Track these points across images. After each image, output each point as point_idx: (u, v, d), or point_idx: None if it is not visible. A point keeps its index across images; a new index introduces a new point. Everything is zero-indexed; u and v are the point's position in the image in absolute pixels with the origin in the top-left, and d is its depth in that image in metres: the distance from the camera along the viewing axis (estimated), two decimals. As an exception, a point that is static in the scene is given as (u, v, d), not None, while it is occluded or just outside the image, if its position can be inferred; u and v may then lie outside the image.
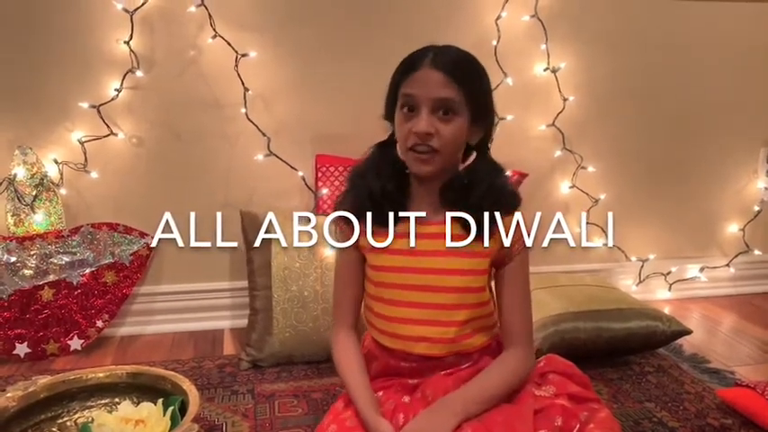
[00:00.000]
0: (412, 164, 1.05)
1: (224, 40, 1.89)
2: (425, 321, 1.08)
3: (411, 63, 1.03)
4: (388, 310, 1.10)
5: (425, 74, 1.01)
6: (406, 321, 1.09)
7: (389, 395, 1.10)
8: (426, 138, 1.01)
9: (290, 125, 2.00)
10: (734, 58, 2.30)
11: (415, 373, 1.12)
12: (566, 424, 1.03)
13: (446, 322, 1.07)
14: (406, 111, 1.03)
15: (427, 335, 1.08)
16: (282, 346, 1.75)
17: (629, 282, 2.37)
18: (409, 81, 1.02)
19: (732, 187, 2.42)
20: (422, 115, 1.01)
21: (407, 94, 1.02)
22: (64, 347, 1.85)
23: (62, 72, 1.86)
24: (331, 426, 1.05)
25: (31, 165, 1.85)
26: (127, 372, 1.32)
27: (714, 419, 1.47)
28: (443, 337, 1.08)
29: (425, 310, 1.08)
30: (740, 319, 2.20)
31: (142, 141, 1.95)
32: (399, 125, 1.05)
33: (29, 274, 1.83)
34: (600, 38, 2.17)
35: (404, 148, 1.05)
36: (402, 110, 1.04)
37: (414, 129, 1.01)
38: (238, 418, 1.47)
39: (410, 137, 1.03)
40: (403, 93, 1.03)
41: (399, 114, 1.05)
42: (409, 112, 1.03)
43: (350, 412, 1.07)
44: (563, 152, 2.20)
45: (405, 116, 1.03)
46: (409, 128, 1.02)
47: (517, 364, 1.08)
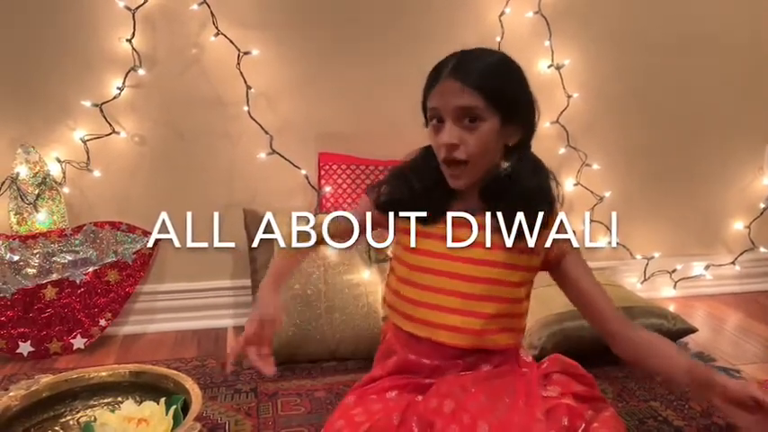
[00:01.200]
0: (448, 178, 1.06)
1: (226, 38, 1.88)
2: (453, 310, 1.07)
3: (434, 75, 1.04)
4: (419, 295, 1.09)
5: (445, 85, 1.01)
6: (434, 308, 1.08)
7: (402, 393, 1.09)
8: (452, 149, 1.01)
9: (292, 123, 2.00)
10: (739, 54, 2.28)
11: (433, 372, 1.11)
12: (571, 423, 1.02)
13: (473, 313, 1.07)
14: (435, 123, 1.04)
15: (454, 323, 1.07)
16: (285, 344, 1.74)
17: (634, 279, 2.35)
18: (433, 94, 1.03)
19: (737, 184, 2.41)
20: (446, 127, 1.01)
21: (432, 107, 1.03)
22: (67, 346, 1.85)
23: (64, 70, 1.86)
24: (339, 421, 1.04)
25: (33, 163, 1.85)
26: (129, 371, 1.32)
27: (720, 418, 1.46)
28: (469, 328, 1.07)
29: (455, 298, 1.07)
30: (746, 317, 2.19)
31: (145, 140, 1.95)
32: (431, 139, 1.05)
33: (32, 273, 1.83)
34: (604, 34, 2.16)
35: (439, 162, 1.06)
36: (432, 122, 1.04)
37: (441, 140, 1.02)
38: (241, 417, 1.47)
39: (440, 149, 1.03)
40: (429, 107, 1.04)
41: (431, 128, 1.05)
42: (435, 125, 1.03)
43: (359, 409, 1.06)
44: (567, 149, 2.19)
45: (434, 128, 1.04)
46: (437, 141, 1.03)
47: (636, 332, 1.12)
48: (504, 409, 1.00)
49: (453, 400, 1.02)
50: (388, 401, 1.06)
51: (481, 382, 1.06)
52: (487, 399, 1.01)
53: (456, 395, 1.02)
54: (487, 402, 1.01)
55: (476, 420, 0.97)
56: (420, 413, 1.02)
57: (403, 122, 2.04)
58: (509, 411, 1.00)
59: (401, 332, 1.14)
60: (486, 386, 1.05)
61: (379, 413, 1.03)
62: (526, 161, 1.09)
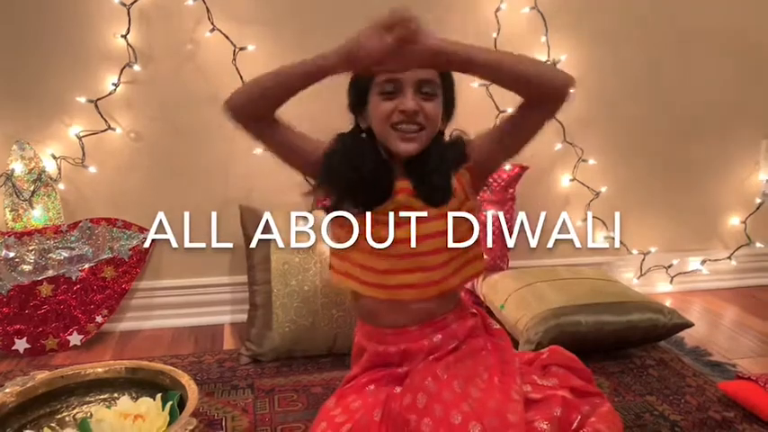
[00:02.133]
0: (396, 143, 1.06)
1: (222, 33, 1.88)
2: (407, 270, 1.09)
3: None
4: (369, 261, 1.10)
5: None
6: (394, 272, 1.09)
7: (380, 386, 1.10)
8: (414, 115, 1.04)
9: (289, 119, 1.98)
10: (736, 50, 2.28)
11: (402, 358, 1.11)
12: (566, 416, 1.02)
13: (428, 267, 1.09)
14: (386, 95, 1.05)
15: (413, 282, 1.09)
16: (282, 340, 1.74)
17: (631, 275, 2.36)
18: None
19: (734, 180, 2.41)
20: (407, 94, 1.04)
21: (388, 78, 1.04)
22: (63, 343, 1.84)
23: (59, 66, 1.85)
24: (321, 424, 1.05)
25: (28, 160, 1.84)
26: (126, 367, 1.32)
27: (716, 412, 1.47)
28: (429, 281, 1.09)
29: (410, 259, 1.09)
30: (742, 312, 2.19)
31: (140, 136, 1.94)
32: (378, 107, 1.06)
33: (27, 270, 1.83)
34: (600, 30, 2.16)
35: (384, 127, 1.06)
36: (381, 95, 1.06)
37: (400, 107, 1.04)
38: (238, 413, 1.47)
39: (394, 114, 1.05)
40: (382, 78, 1.05)
41: (377, 98, 1.06)
42: (388, 96, 1.05)
43: (339, 409, 1.06)
44: (563, 145, 2.18)
45: (386, 96, 1.05)
46: (393, 106, 1.05)
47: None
48: (478, 393, 1.01)
49: (425, 393, 1.02)
50: (367, 398, 1.07)
51: (452, 365, 1.07)
52: (460, 385, 1.02)
53: (428, 388, 1.03)
54: (460, 390, 1.01)
55: (449, 411, 0.98)
56: (396, 411, 1.02)
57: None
58: (483, 395, 1.00)
59: (366, 326, 1.16)
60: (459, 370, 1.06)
61: (360, 410, 1.04)
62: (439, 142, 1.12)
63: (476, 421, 0.95)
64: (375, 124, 1.09)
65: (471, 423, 0.95)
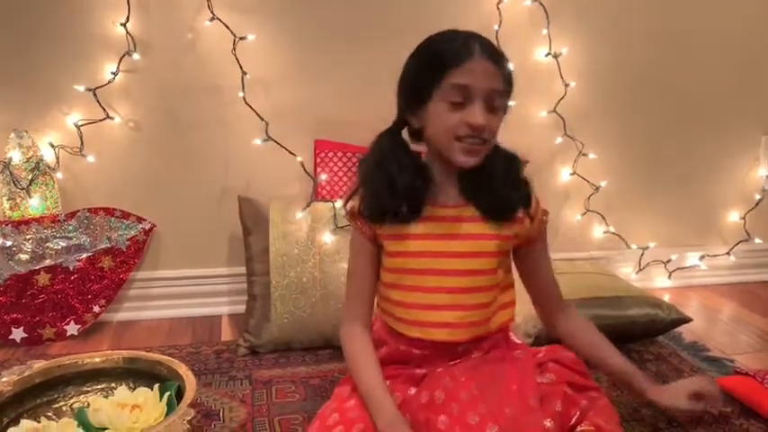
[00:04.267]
0: (458, 154, 1.03)
1: (222, 22, 1.86)
2: (445, 306, 1.07)
3: (458, 52, 0.99)
4: (408, 297, 1.09)
5: (479, 64, 0.99)
6: (426, 307, 1.08)
7: (396, 386, 1.09)
8: (481, 130, 1.00)
9: (288, 110, 1.98)
10: (737, 45, 2.27)
11: (424, 361, 1.10)
12: (566, 411, 1.02)
13: (466, 306, 1.07)
14: (453, 102, 1.00)
15: (448, 320, 1.07)
16: (280, 332, 1.74)
17: (629, 269, 2.36)
18: (460, 71, 0.99)
19: (733, 175, 2.41)
20: (476, 107, 0.99)
21: (460, 84, 0.99)
22: (60, 332, 1.84)
23: (58, 54, 1.84)
24: (333, 414, 1.04)
25: (26, 148, 1.83)
26: (123, 357, 1.31)
27: (712, 408, 1.47)
28: (463, 322, 1.08)
29: (444, 294, 1.07)
30: (740, 308, 2.20)
31: (139, 125, 1.93)
32: (443, 115, 1.01)
33: (25, 259, 1.82)
34: (603, 23, 2.14)
35: (448, 138, 1.02)
36: (447, 101, 1.00)
37: (470, 120, 0.99)
38: (236, 404, 1.47)
39: (461, 127, 1.00)
40: (453, 83, 0.99)
41: (442, 104, 1.01)
42: (456, 103, 1.00)
43: (354, 401, 1.05)
44: (564, 139, 2.18)
45: (452, 106, 1.00)
46: (460, 118, 1.00)
47: (579, 317, 1.27)
48: (495, 397, 1.00)
49: (443, 391, 1.02)
50: None
51: (471, 370, 1.06)
52: (477, 387, 1.01)
53: (446, 386, 1.02)
54: (477, 391, 1.00)
55: (465, 411, 0.97)
56: (412, 410, 1.02)
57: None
58: (500, 400, 0.99)
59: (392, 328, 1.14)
60: (477, 374, 1.05)
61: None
62: (500, 149, 1.10)
63: (493, 423, 0.94)
64: (434, 131, 1.04)
65: (489, 424, 0.94)
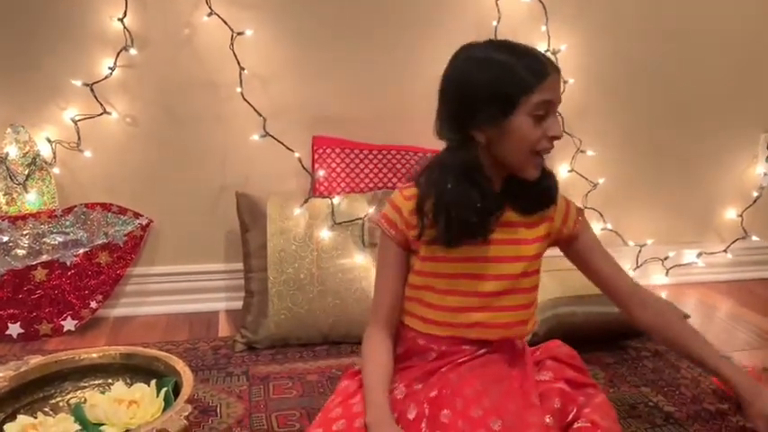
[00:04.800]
0: (531, 168, 1.06)
1: (219, 17, 1.86)
2: (475, 308, 1.08)
3: (540, 68, 1.02)
4: (440, 300, 1.09)
5: (556, 79, 1.03)
6: (457, 309, 1.09)
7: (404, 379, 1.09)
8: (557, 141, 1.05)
9: (286, 106, 1.98)
10: (736, 42, 2.27)
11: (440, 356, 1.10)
12: (564, 407, 1.03)
13: (498, 307, 1.08)
14: (538, 116, 1.02)
15: (481, 320, 1.08)
16: (278, 328, 1.74)
17: (627, 266, 2.36)
18: (544, 86, 1.01)
19: (731, 173, 2.41)
20: (557, 119, 1.04)
21: (545, 100, 1.01)
22: (57, 328, 1.84)
23: (55, 49, 1.83)
24: (336, 409, 1.04)
25: (23, 143, 1.82)
26: (120, 352, 1.31)
27: (710, 404, 1.47)
28: (495, 322, 1.09)
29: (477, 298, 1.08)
30: (737, 305, 2.20)
31: (136, 121, 1.92)
32: (528, 129, 1.02)
33: (21, 254, 1.81)
34: (601, 20, 2.14)
35: (528, 153, 1.04)
36: (532, 115, 1.02)
37: (552, 132, 1.03)
38: (233, 400, 1.46)
39: (542, 140, 1.03)
40: (539, 100, 1.01)
41: (527, 119, 1.02)
42: (539, 116, 1.02)
43: (359, 396, 1.06)
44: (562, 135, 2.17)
45: (536, 120, 1.02)
46: (543, 132, 1.03)
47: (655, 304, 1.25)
48: (499, 393, 1.01)
49: (449, 387, 1.02)
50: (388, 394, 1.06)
51: (477, 368, 1.06)
52: (482, 384, 1.02)
53: (451, 382, 1.03)
54: (482, 388, 1.01)
55: (469, 405, 0.98)
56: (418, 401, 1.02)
57: (398, 107, 2.03)
58: (503, 396, 1.01)
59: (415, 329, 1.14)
60: (482, 372, 1.06)
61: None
62: None
63: (496, 417, 0.95)
64: (515, 146, 1.04)
65: (492, 418, 0.95)
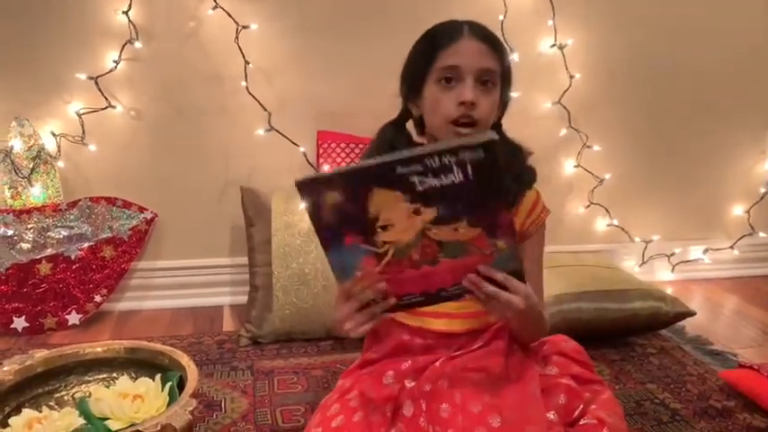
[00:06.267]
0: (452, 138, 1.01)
1: (224, 11, 1.85)
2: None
3: (447, 33, 1.00)
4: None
5: (468, 44, 0.99)
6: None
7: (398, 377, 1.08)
8: (471, 107, 0.98)
9: (291, 100, 1.97)
10: (742, 38, 2.25)
11: (426, 350, 1.10)
12: (569, 404, 1.02)
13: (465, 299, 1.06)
14: (444, 83, 1.00)
15: (446, 310, 1.05)
16: (282, 323, 1.74)
17: (632, 262, 2.35)
18: (449, 52, 0.99)
19: (738, 168, 2.40)
20: (467, 85, 0.98)
21: (449, 65, 0.98)
22: (62, 322, 1.84)
23: (59, 42, 1.83)
24: (334, 405, 1.03)
25: (27, 137, 1.82)
26: (125, 347, 1.31)
27: (716, 401, 1.46)
28: (463, 312, 1.06)
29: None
30: (743, 302, 2.19)
31: (141, 114, 1.92)
32: (436, 98, 1.00)
33: (26, 248, 1.81)
34: (608, 14, 2.13)
35: (444, 122, 1.01)
36: (439, 83, 1.00)
37: (461, 98, 0.98)
38: (237, 395, 1.46)
39: (456, 108, 0.99)
40: (442, 65, 0.99)
41: (435, 87, 1.00)
42: (447, 84, 0.99)
43: (355, 392, 1.05)
44: (568, 130, 2.16)
45: (443, 88, 1.00)
46: (453, 98, 0.99)
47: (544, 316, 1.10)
48: (498, 388, 1.00)
49: (446, 380, 1.01)
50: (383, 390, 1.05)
51: (474, 361, 1.05)
52: (480, 378, 1.01)
53: (449, 376, 1.02)
54: (480, 381, 1.00)
55: (468, 400, 0.97)
56: (414, 397, 1.01)
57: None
58: (503, 391, 0.99)
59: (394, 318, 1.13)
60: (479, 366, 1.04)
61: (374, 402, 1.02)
62: (503, 138, 1.08)
63: (496, 413, 0.94)
64: (430, 116, 1.03)
65: (491, 415, 0.93)
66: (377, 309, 0.90)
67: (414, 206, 0.79)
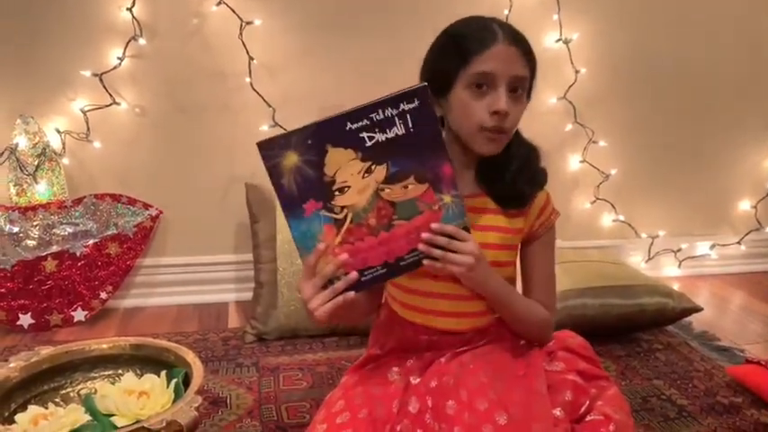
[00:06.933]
0: (481, 143, 1.00)
1: (228, 7, 1.85)
2: (449, 295, 1.05)
3: (480, 37, 0.97)
4: (413, 282, 1.06)
5: (502, 50, 0.96)
6: (430, 294, 1.06)
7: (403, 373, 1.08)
8: (504, 118, 0.97)
9: (295, 96, 1.97)
10: (749, 33, 2.24)
11: (431, 346, 1.09)
12: (576, 400, 1.01)
13: (471, 296, 1.04)
14: (475, 88, 0.97)
15: (450, 309, 1.05)
16: (287, 319, 1.73)
17: (639, 258, 2.34)
18: (483, 58, 0.96)
19: (745, 163, 2.38)
20: (501, 93, 0.96)
21: (483, 71, 0.96)
22: (67, 319, 1.84)
23: (64, 39, 1.83)
24: (339, 401, 1.03)
25: (32, 134, 1.82)
26: (130, 343, 1.31)
27: (723, 397, 1.46)
28: (468, 311, 1.06)
29: (451, 283, 1.04)
30: (750, 297, 2.18)
31: (145, 111, 1.92)
32: (467, 103, 0.98)
33: (32, 245, 1.82)
34: (613, 9, 2.11)
35: (475, 130, 0.99)
36: (470, 88, 0.97)
37: (495, 107, 0.96)
38: (242, 391, 1.46)
39: (489, 117, 0.97)
40: (475, 71, 0.96)
41: (466, 93, 0.98)
42: (478, 89, 0.97)
43: (360, 389, 1.05)
44: (574, 126, 2.15)
45: (475, 94, 0.97)
46: (485, 107, 0.97)
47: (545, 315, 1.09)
48: (504, 385, 0.99)
49: (452, 376, 1.01)
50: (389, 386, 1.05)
51: (479, 357, 1.05)
52: (486, 375, 1.00)
53: (454, 373, 1.01)
54: (486, 379, 1.00)
55: (474, 397, 0.96)
56: (420, 393, 1.01)
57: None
58: (508, 387, 0.99)
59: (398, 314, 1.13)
60: (485, 362, 1.04)
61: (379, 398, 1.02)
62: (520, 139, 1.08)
63: (502, 410, 0.93)
64: (459, 120, 1.00)
65: (497, 412, 0.93)
66: (340, 284, 0.91)
67: (366, 164, 0.87)
